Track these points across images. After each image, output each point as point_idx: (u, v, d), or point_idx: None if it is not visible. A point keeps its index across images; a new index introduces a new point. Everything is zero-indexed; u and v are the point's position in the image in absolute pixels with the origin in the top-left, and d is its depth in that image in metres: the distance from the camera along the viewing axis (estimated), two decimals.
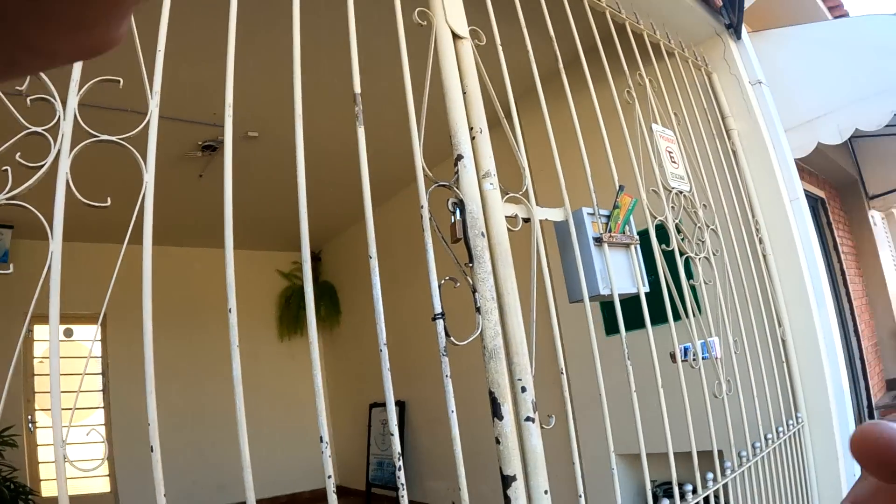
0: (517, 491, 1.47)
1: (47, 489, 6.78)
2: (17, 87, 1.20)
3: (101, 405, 7.44)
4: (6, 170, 1.16)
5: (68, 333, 7.52)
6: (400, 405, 7.07)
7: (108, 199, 1.29)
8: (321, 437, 1.30)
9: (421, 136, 1.65)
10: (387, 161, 4.49)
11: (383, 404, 7.40)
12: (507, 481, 1.47)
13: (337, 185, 5.89)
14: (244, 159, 5.55)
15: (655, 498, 1.97)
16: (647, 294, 2.15)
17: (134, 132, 1.31)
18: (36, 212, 1.18)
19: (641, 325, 2.11)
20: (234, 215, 1.38)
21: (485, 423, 1.92)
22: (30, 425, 6.84)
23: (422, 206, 1.59)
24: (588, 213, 2.04)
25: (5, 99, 1.20)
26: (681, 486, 2.09)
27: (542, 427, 1.58)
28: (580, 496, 1.70)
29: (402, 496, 1.37)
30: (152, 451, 1.18)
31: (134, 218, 1.28)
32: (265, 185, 6.07)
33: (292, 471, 7.94)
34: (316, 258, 9.11)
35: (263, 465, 7.37)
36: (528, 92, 2.01)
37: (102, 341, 7.63)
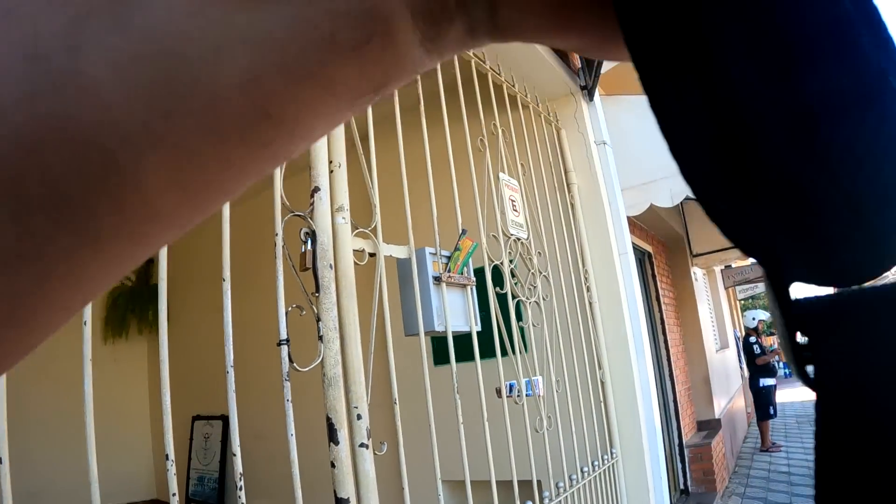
0: None
1: None
2: None
3: None
4: None
5: None
6: (224, 419, 6.93)
7: None
8: (167, 455, 1.35)
9: (281, 171, 1.73)
10: None
11: (207, 417, 7.25)
12: None
13: None
14: None
15: None
16: (478, 332, 2.34)
17: None
18: None
19: (471, 357, 2.29)
20: None
21: (313, 447, 2.01)
22: None
23: (276, 234, 1.67)
24: (430, 253, 2.20)
25: None
26: None
27: (374, 453, 1.69)
28: None
29: None
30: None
31: None
32: None
33: (110, 482, 7.47)
34: (148, 260, 8.64)
35: (79, 473, 6.92)
36: (382, 123, 2.12)
37: None
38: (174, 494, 1.39)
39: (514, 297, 2.66)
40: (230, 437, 1.52)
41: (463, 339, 2.28)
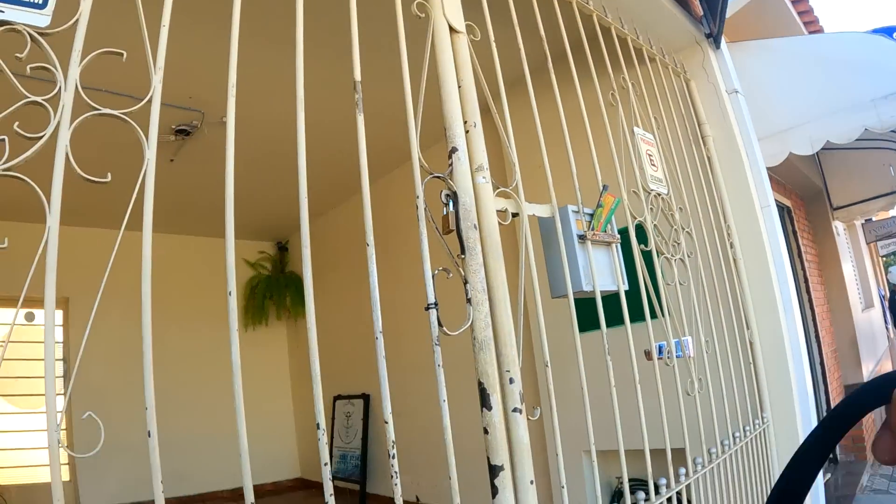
0: (504, 480, 1.50)
1: (2, 477, 6.65)
2: (17, 56, 1.13)
3: (62, 392, 7.29)
4: (3, 139, 1.10)
5: (29, 317, 7.37)
6: (364, 398, 7.12)
7: (109, 175, 1.24)
8: (318, 424, 1.32)
9: (418, 129, 1.66)
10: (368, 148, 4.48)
11: (347, 397, 7.42)
12: (494, 471, 1.51)
13: (309, 172, 5.88)
14: (216, 145, 5.46)
15: (620, 495, 2.02)
16: (625, 292, 2.20)
17: (136, 107, 1.30)
18: (35, 185, 1.13)
19: (617, 322, 2.16)
20: (202, 202, 1.38)
21: (461, 415, 1.95)
22: None
23: (417, 197, 1.61)
24: (573, 211, 2.08)
25: (5, 68, 1.14)
26: (645, 483, 2.15)
27: (528, 418, 1.61)
28: (563, 486, 1.74)
29: (396, 484, 1.40)
30: (150, 436, 1.19)
31: (133, 200, 1.26)
32: (236, 171, 5.98)
33: (255, 462, 7.83)
34: (282, 248, 9.08)
35: (226, 456, 7.35)
36: (513, 87, 2.05)
37: (64, 326, 7.46)
38: (326, 464, 1.35)
39: (658, 255, 2.50)
40: (370, 413, 1.48)
41: (606, 302, 2.16)
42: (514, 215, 1.87)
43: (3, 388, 6.90)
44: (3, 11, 1.12)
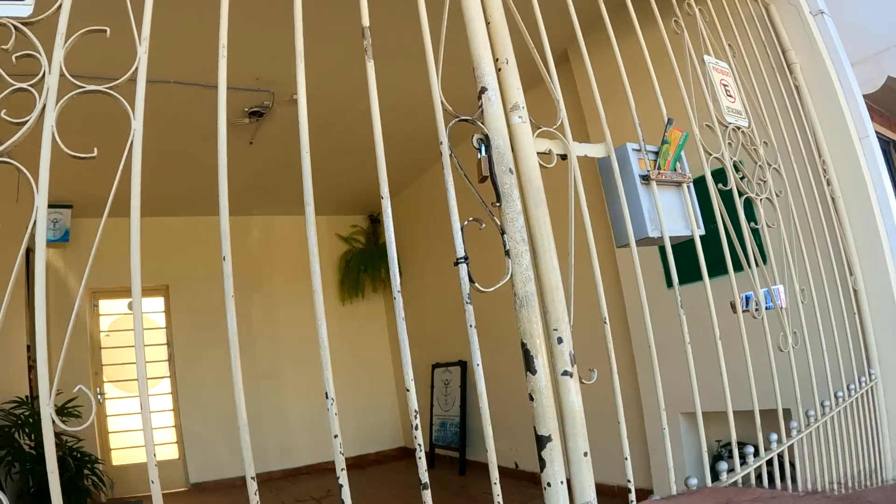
0: (552, 452, 1.31)
1: (118, 458, 6.99)
2: (2, 47, 1.18)
3: (167, 375, 7.66)
4: None
5: (131, 307, 7.70)
6: (461, 365, 7.07)
7: (95, 150, 1.20)
8: (407, 389, 1.16)
9: (439, 67, 1.49)
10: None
11: (445, 364, 7.38)
12: (541, 442, 1.32)
13: (390, 145, 5.81)
14: (291, 123, 5.42)
15: (719, 458, 1.79)
16: (702, 238, 1.94)
17: (121, 80, 1.23)
18: (24, 169, 1.14)
19: (694, 277, 1.90)
20: (290, 181, 1.28)
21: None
22: (98, 397, 7.05)
23: (441, 143, 1.43)
24: (633, 150, 1.83)
25: None
26: (744, 446, 1.91)
27: (581, 382, 1.41)
28: (626, 458, 1.53)
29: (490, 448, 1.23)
30: (239, 419, 1.17)
31: (118, 186, 1.18)
32: (314, 150, 6.00)
33: (358, 433, 8.00)
34: (375, 220, 9.09)
35: (328, 428, 7.45)
36: (551, 16, 1.81)
37: (166, 312, 7.80)
38: (415, 424, 1.20)
39: (741, 195, 2.20)
40: (467, 380, 1.31)
41: (686, 253, 1.90)
42: (563, 157, 1.65)
43: (111, 374, 7.25)
44: None
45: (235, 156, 6.18)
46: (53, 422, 1.04)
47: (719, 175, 2.13)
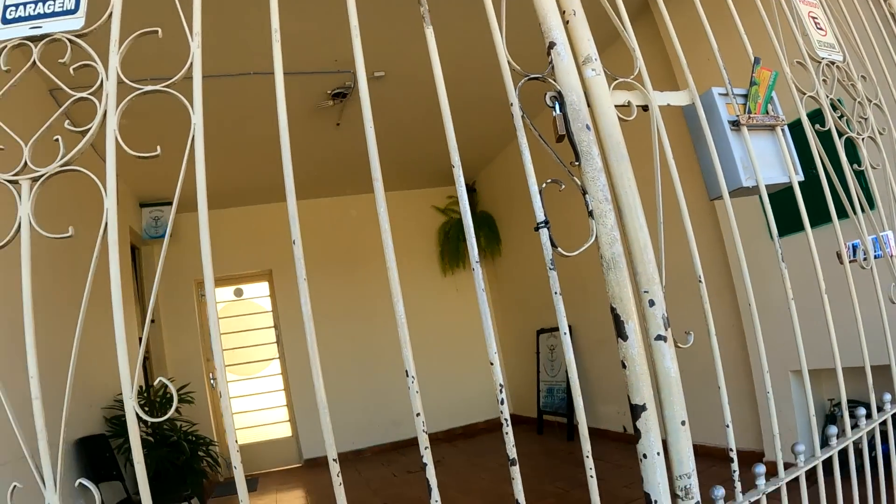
0: (648, 422, 1.23)
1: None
2: (61, 60, 1.21)
3: (277, 356, 8.01)
4: (57, 139, 1.17)
5: (238, 293, 8.02)
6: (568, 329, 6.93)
7: (158, 148, 1.21)
8: (490, 362, 1.12)
9: (502, 25, 1.41)
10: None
11: (550, 330, 7.31)
12: (636, 411, 1.23)
13: (481, 110, 5.83)
14: (374, 101, 5.41)
15: (832, 419, 1.66)
16: (802, 185, 1.78)
17: (176, 77, 1.23)
18: (92, 175, 1.17)
19: (801, 226, 1.76)
20: (381, 158, 1.24)
21: None
22: (212, 382, 7.48)
23: (511, 104, 1.35)
24: (720, 94, 1.70)
25: (49, 73, 1.20)
26: (856, 406, 1.76)
27: (677, 346, 1.31)
28: (727, 426, 1.43)
29: (581, 420, 1.17)
30: (319, 402, 1.13)
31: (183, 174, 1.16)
32: (402, 124, 6.06)
33: (466, 403, 8.10)
34: (471, 189, 9.04)
35: (437, 398, 7.60)
36: None
37: (271, 296, 8.12)
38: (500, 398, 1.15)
39: (840, 136, 2.02)
40: (574, 344, 1.24)
41: (783, 202, 1.76)
42: (643, 108, 1.54)
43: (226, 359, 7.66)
44: (40, 27, 1.22)
45: (324, 139, 6.34)
46: (146, 412, 1.07)
47: (815, 116, 1.95)
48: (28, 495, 1.18)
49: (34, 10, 1.24)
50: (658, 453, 1.23)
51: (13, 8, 1.24)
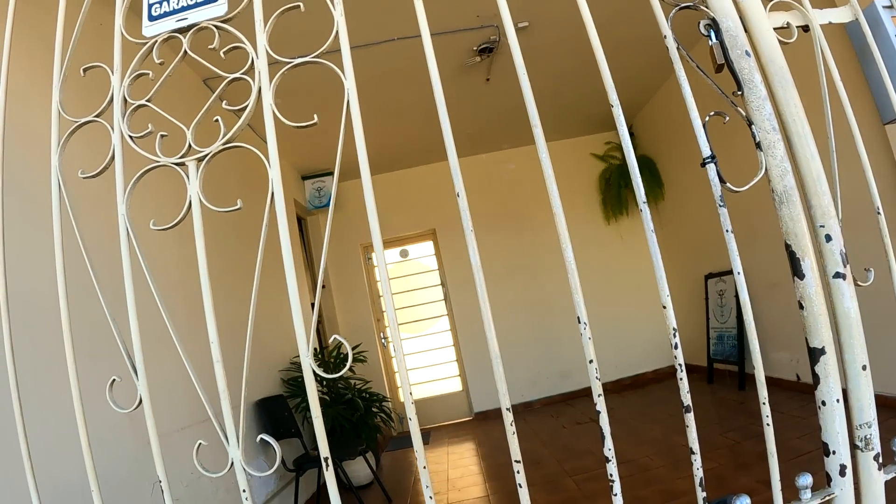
0: (827, 367, 1.14)
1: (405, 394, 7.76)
2: (210, 47, 1.25)
3: (445, 313, 8.14)
4: (217, 119, 1.22)
5: (404, 254, 8.24)
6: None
7: (315, 116, 1.22)
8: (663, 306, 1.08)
9: None
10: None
11: (720, 274, 6.85)
12: (814, 355, 1.15)
13: (634, 49, 5.65)
14: (523, 51, 5.27)
15: None
16: None
17: (325, 46, 1.23)
18: (256, 150, 1.22)
19: None
20: (536, 109, 1.21)
21: None
22: (383, 341, 7.79)
23: (665, 37, 1.26)
24: (884, 7, 1.53)
25: (201, 59, 1.25)
26: None
27: (857, 284, 1.22)
28: None
29: (759, 367, 1.12)
30: (491, 351, 1.12)
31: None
32: (551, 73, 5.89)
33: (634, 352, 7.95)
34: (629, 134, 8.66)
35: (605, 349, 7.61)
36: None
37: (436, 255, 8.21)
38: (674, 343, 1.12)
39: None
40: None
41: None
42: (804, 29, 1.41)
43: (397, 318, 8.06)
44: (186, 19, 1.27)
45: (475, 95, 6.30)
46: (314, 372, 1.13)
47: None
48: (212, 452, 1.24)
49: (178, 3, 1.29)
50: (838, 400, 1.15)
51: (157, 5, 1.29)
